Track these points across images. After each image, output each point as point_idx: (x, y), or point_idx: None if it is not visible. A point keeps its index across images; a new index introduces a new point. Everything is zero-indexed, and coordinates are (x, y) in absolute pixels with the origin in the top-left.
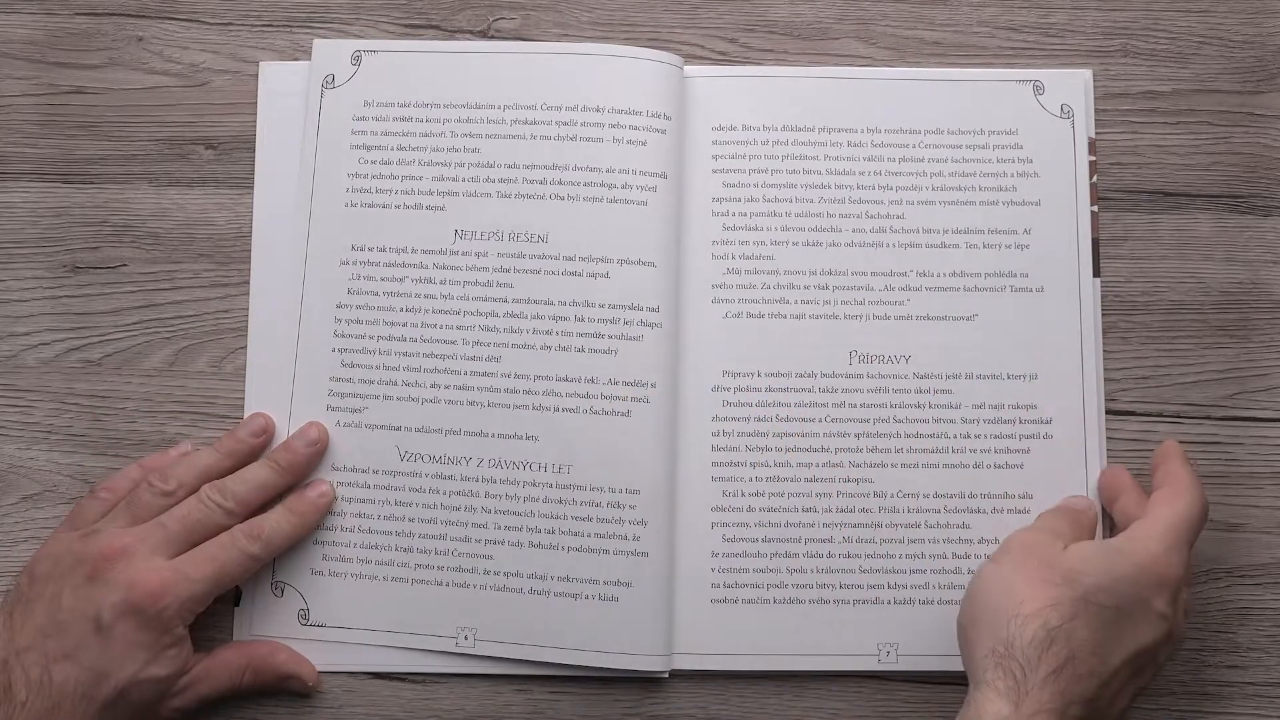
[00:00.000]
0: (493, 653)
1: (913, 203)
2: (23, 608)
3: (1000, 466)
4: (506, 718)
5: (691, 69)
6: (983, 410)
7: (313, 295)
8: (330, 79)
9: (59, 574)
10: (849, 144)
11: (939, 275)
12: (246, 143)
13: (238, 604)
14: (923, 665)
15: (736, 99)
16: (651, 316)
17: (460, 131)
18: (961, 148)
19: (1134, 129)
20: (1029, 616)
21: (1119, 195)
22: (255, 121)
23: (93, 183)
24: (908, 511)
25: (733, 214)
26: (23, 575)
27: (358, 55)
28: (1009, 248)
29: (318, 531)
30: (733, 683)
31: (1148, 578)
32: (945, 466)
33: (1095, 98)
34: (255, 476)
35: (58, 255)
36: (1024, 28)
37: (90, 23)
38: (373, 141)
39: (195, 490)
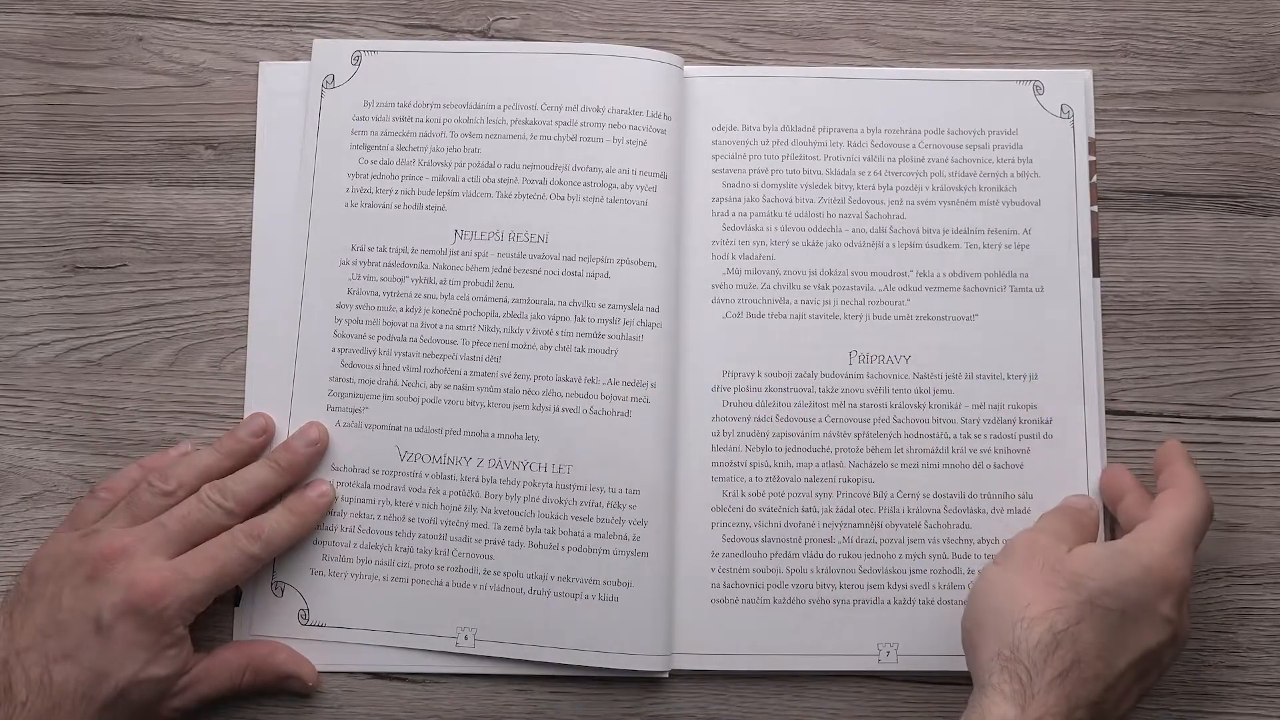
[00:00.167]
0: (493, 653)
1: (913, 203)
2: (23, 608)
3: (1000, 466)
4: (506, 718)
5: (691, 69)
6: (983, 410)
7: (313, 295)
8: (330, 79)
9: (59, 574)
10: (849, 144)
11: (939, 275)
12: (246, 143)
13: (238, 604)
14: (923, 665)
15: (736, 99)
16: (651, 316)
17: (460, 131)
18: (961, 148)
19: (1134, 129)
20: (1034, 620)
21: (1119, 195)
22: (255, 121)
23: (93, 183)
24: (908, 511)
25: (733, 214)
26: (23, 575)
27: (358, 55)
28: (1009, 248)
29: (318, 531)
30: (733, 683)
31: (1154, 581)
32: (945, 466)
33: (1095, 98)
34: (255, 476)
35: (58, 255)
36: (1024, 28)
37: (90, 23)
38: (373, 141)
39: (195, 490)
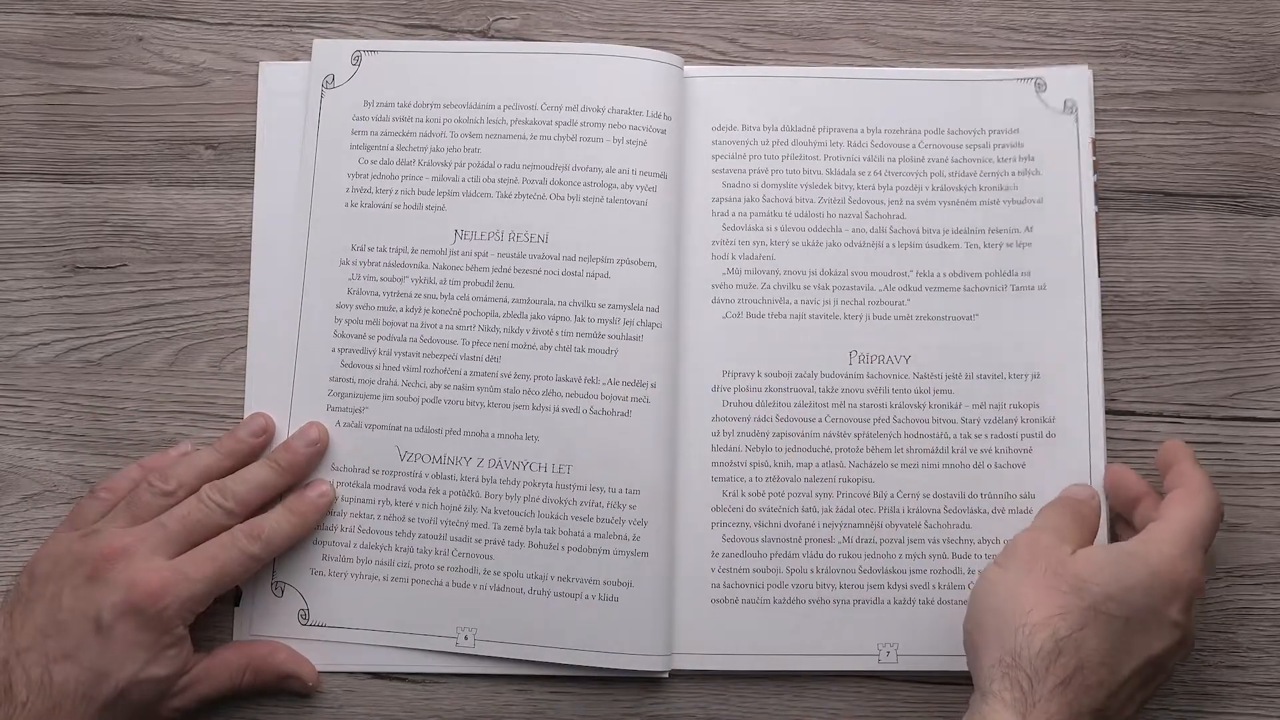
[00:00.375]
0: (493, 653)
1: (913, 202)
2: (23, 608)
3: (1002, 466)
4: (506, 718)
5: (691, 69)
6: (983, 410)
7: (313, 295)
8: (330, 79)
9: (59, 574)
10: (849, 144)
11: (939, 275)
12: (246, 143)
13: (238, 604)
14: (923, 665)
15: (736, 99)
16: (651, 316)
17: (460, 131)
18: (962, 147)
19: (1134, 129)
20: (1036, 626)
21: (1119, 195)
22: (255, 121)
23: (93, 183)
24: (908, 511)
25: (733, 214)
26: (23, 575)
27: (358, 55)
28: (1010, 246)
29: (318, 531)
30: (733, 683)
31: (1161, 584)
32: (946, 466)
33: (1095, 97)
34: (255, 476)
35: (58, 255)
36: (1024, 27)
37: (90, 23)
38: (373, 141)
39: (195, 490)
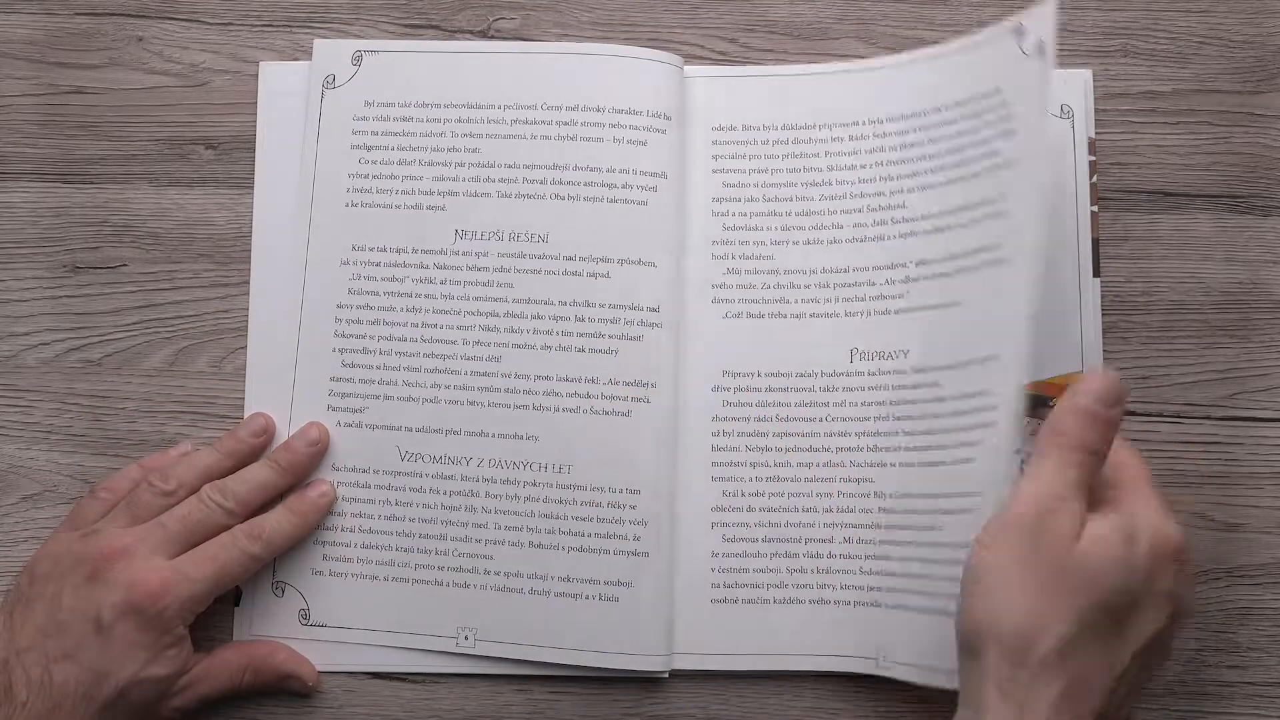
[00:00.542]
0: (493, 653)
1: (913, 189)
2: (23, 608)
3: None
4: (506, 718)
5: (691, 69)
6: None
7: (313, 295)
8: (331, 79)
9: (59, 574)
10: (851, 137)
11: (940, 273)
12: (246, 143)
13: (238, 604)
14: (918, 678)
15: (736, 99)
16: (652, 316)
17: (460, 131)
18: (957, 121)
19: (1134, 129)
20: (1037, 633)
21: (1119, 195)
22: (255, 121)
23: (93, 183)
24: (908, 512)
25: (733, 214)
26: (23, 575)
27: (358, 55)
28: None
29: (318, 531)
30: (733, 683)
31: (1159, 557)
32: (943, 464)
33: (1095, 98)
34: (256, 476)
35: (58, 255)
36: None
37: (90, 23)
38: (373, 142)
39: (195, 490)
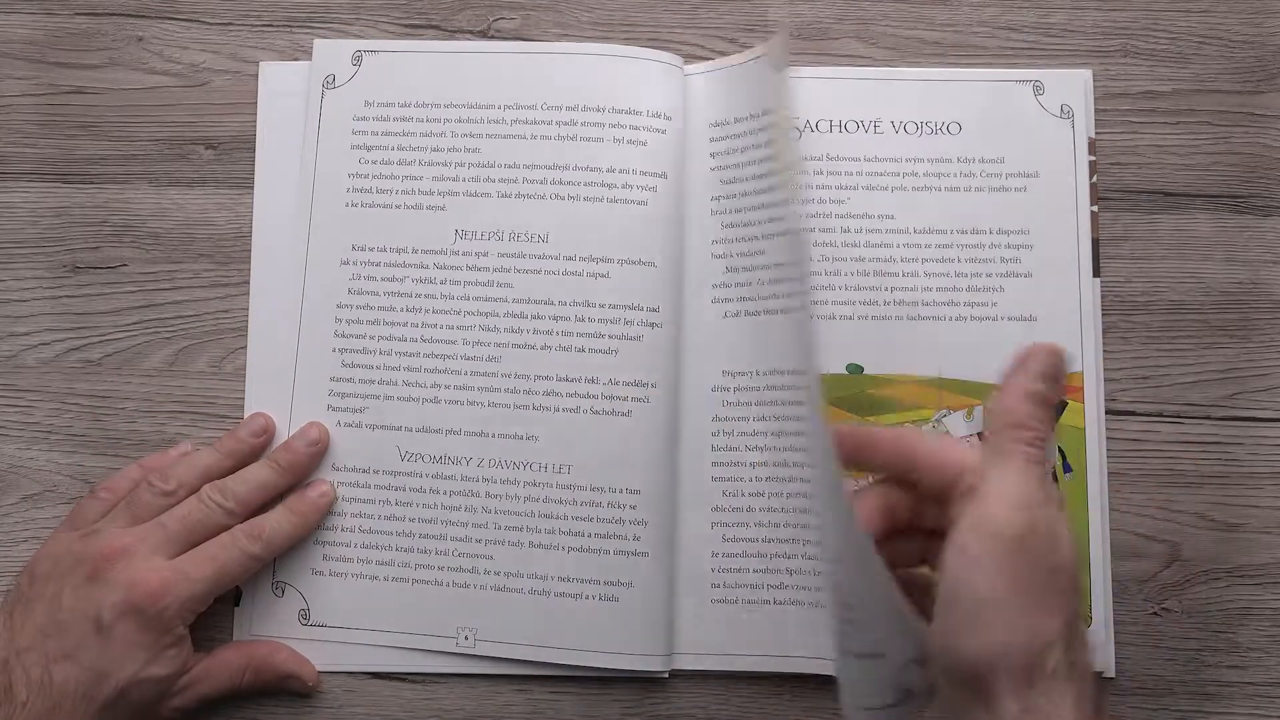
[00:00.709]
0: (493, 653)
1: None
2: (23, 608)
3: None
4: (506, 718)
5: (692, 69)
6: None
7: (313, 295)
8: (331, 79)
9: (59, 574)
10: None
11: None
12: (246, 143)
13: (238, 604)
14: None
15: (736, 98)
16: (651, 316)
17: (460, 131)
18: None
19: (1134, 129)
20: (1047, 648)
21: (1119, 195)
22: (255, 121)
23: (93, 183)
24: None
25: (732, 212)
26: (23, 575)
27: (358, 55)
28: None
29: (318, 531)
30: (733, 683)
31: (1050, 499)
32: None
33: (1095, 98)
34: (256, 476)
35: (58, 255)
36: (1024, 28)
37: (90, 23)
38: (373, 141)
39: (195, 490)
